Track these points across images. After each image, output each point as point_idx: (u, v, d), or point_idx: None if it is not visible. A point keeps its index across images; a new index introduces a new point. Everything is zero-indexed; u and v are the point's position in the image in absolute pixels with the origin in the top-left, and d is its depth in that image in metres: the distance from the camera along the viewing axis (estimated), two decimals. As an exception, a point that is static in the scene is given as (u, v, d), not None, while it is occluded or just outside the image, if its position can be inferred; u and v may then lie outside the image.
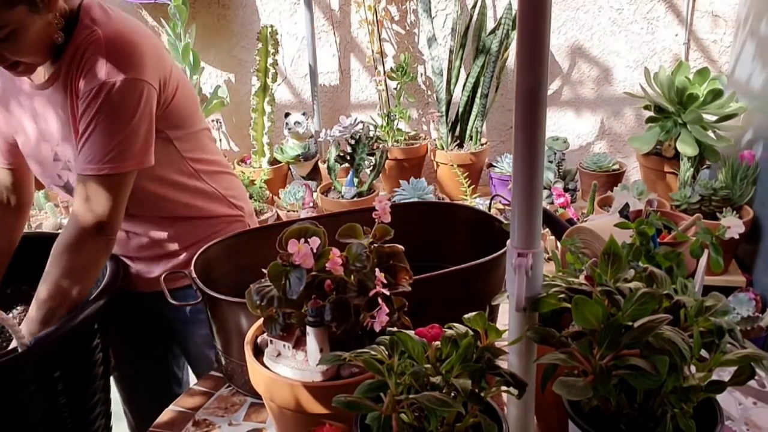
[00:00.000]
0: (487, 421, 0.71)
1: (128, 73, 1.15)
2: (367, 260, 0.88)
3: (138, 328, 1.47)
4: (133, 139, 1.18)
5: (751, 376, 0.74)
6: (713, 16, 2.49)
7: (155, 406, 1.19)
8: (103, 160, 1.17)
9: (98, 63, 1.15)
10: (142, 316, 1.42)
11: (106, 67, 1.14)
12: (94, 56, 1.15)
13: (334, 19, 2.77)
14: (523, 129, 0.74)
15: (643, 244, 0.95)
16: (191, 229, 1.37)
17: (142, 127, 1.19)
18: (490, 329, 0.76)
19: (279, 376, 0.90)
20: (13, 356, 1.02)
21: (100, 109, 1.15)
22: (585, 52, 2.64)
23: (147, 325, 1.46)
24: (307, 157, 2.67)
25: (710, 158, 2.25)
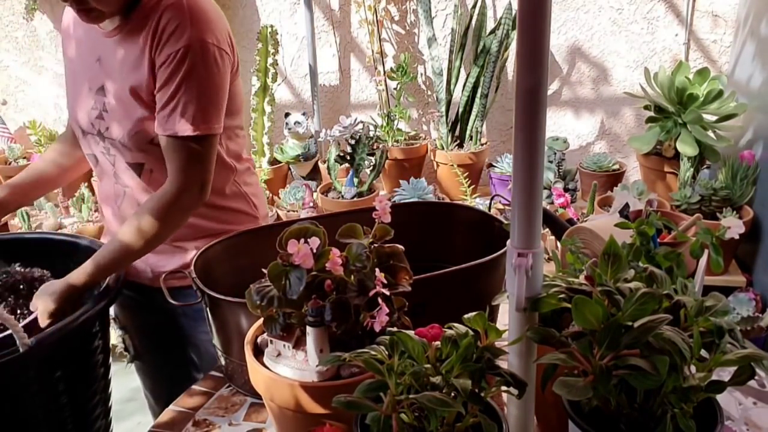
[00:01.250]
0: (487, 421, 0.71)
1: (210, 38, 1.21)
2: (367, 260, 0.89)
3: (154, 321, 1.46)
4: (220, 102, 1.25)
5: (751, 376, 0.74)
6: (713, 16, 2.49)
7: (178, 393, 1.21)
8: (197, 121, 1.21)
9: (182, 26, 1.19)
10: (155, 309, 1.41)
11: (191, 31, 1.18)
12: (176, 19, 1.19)
13: (334, 19, 2.77)
14: (523, 129, 0.74)
15: (643, 244, 0.95)
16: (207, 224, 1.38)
17: (224, 93, 1.26)
18: (490, 329, 0.76)
19: (279, 376, 0.90)
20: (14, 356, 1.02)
21: (191, 71, 1.19)
22: (585, 52, 2.64)
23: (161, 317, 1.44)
24: (307, 157, 2.68)
25: (710, 158, 2.25)
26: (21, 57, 3.14)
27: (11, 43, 3.12)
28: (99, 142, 1.33)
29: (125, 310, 1.52)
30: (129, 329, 1.53)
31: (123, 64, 1.26)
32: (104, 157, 1.34)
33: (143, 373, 1.64)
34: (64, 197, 2.72)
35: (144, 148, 1.28)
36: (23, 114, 3.19)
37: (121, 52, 1.26)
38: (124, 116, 1.27)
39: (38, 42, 3.09)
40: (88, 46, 1.32)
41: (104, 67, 1.29)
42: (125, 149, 1.29)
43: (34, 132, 2.91)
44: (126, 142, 1.28)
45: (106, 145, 1.32)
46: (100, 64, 1.29)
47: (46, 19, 3.03)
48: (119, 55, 1.26)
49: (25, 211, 2.56)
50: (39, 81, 3.15)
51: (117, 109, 1.27)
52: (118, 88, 1.27)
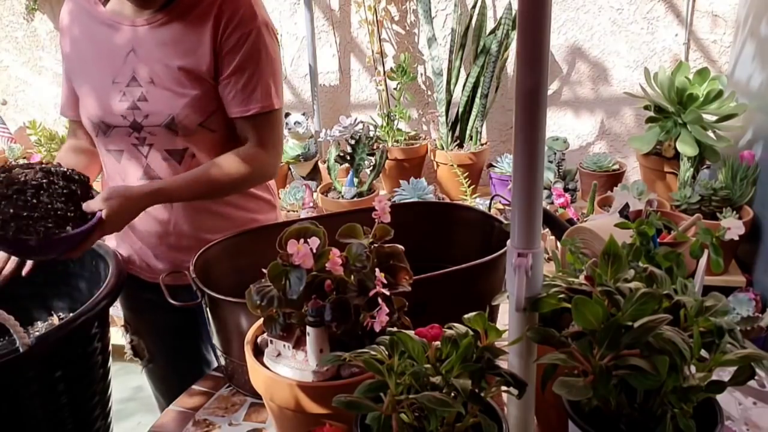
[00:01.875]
0: (487, 421, 0.71)
1: (269, 21, 1.31)
2: (367, 260, 0.89)
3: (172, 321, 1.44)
4: (281, 77, 1.35)
5: (751, 376, 0.74)
6: (713, 16, 2.49)
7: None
8: (273, 96, 1.31)
9: (249, 10, 1.26)
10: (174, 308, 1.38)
11: (257, 14, 1.27)
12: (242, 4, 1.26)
13: (334, 19, 2.77)
14: (523, 129, 0.74)
15: (643, 245, 0.95)
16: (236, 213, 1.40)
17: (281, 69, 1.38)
18: (490, 329, 0.76)
19: (279, 376, 0.90)
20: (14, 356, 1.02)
21: (264, 50, 1.28)
22: (585, 52, 2.64)
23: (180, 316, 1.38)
24: (307, 157, 2.67)
25: (710, 158, 2.25)
26: (21, 57, 3.14)
27: (11, 43, 3.12)
28: (131, 134, 1.31)
29: (141, 313, 1.50)
30: (143, 333, 1.50)
31: (169, 49, 1.27)
32: (135, 150, 1.32)
33: (155, 375, 1.61)
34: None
35: (193, 130, 1.30)
36: (23, 114, 3.19)
37: (165, 38, 1.27)
38: (170, 101, 1.27)
39: (38, 42, 3.09)
40: (110, 39, 1.30)
41: (139, 57, 1.28)
42: (170, 135, 1.30)
43: (34, 132, 2.91)
44: (176, 126, 1.28)
45: (141, 135, 1.30)
46: (133, 54, 1.28)
47: (46, 19, 3.03)
48: (161, 41, 1.27)
49: (25, 211, 2.56)
50: (39, 81, 3.15)
51: (161, 95, 1.27)
52: (162, 74, 1.27)
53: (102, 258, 1.28)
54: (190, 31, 1.26)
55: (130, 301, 1.51)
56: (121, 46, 1.29)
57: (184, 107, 1.27)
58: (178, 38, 1.27)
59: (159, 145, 1.31)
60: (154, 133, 1.30)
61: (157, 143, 1.31)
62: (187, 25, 1.26)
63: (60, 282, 1.36)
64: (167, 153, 1.31)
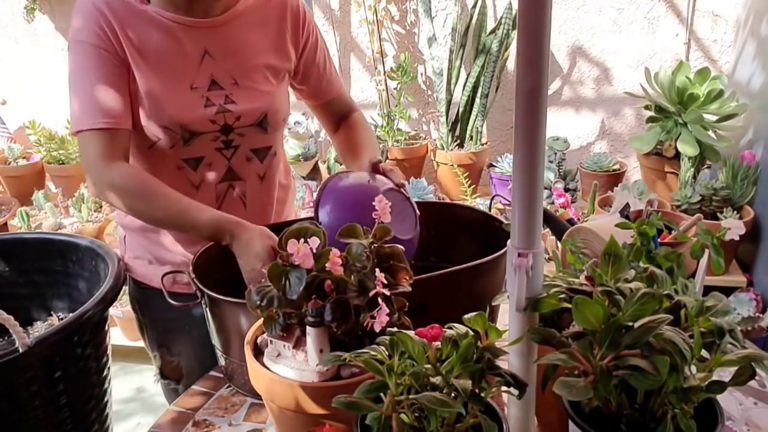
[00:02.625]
0: (488, 422, 0.71)
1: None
2: (367, 260, 0.88)
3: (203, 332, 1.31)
4: None
5: (751, 377, 0.74)
6: (714, 15, 2.49)
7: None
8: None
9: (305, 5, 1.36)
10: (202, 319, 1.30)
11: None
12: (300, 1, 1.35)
13: (334, 19, 2.77)
14: (523, 129, 0.74)
15: (643, 245, 0.95)
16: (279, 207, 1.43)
17: None
18: (491, 329, 0.75)
19: (279, 376, 0.90)
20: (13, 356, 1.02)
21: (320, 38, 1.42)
22: (585, 52, 2.64)
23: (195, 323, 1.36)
24: (307, 157, 2.67)
25: (711, 158, 2.25)
26: (21, 57, 3.14)
27: (11, 43, 3.12)
28: (217, 138, 1.27)
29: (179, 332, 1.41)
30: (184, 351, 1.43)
31: (250, 47, 1.28)
32: (218, 154, 1.29)
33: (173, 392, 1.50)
34: (63, 197, 2.72)
35: (278, 126, 1.35)
36: (23, 114, 3.19)
37: (242, 36, 1.28)
38: (259, 99, 1.29)
39: (38, 42, 3.09)
40: (178, 43, 1.23)
41: (216, 59, 1.26)
42: (259, 133, 1.31)
43: (34, 132, 2.91)
44: (266, 123, 1.31)
45: (229, 138, 1.28)
46: (209, 57, 1.26)
47: (46, 18, 3.03)
48: (238, 40, 1.27)
49: (24, 211, 2.56)
50: (39, 81, 3.15)
51: (248, 94, 1.28)
52: (247, 71, 1.28)
53: (102, 258, 1.28)
54: (267, 28, 1.30)
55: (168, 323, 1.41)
56: (193, 49, 1.24)
57: (274, 103, 1.31)
58: (256, 36, 1.29)
59: (246, 146, 1.31)
60: (243, 133, 1.29)
61: (243, 144, 1.30)
62: (262, 22, 1.29)
63: (60, 282, 1.36)
64: (252, 152, 1.32)
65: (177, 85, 1.24)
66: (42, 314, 1.36)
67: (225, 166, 1.30)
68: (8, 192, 2.93)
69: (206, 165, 1.29)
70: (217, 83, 1.26)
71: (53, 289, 1.36)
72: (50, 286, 1.36)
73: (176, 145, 1.26)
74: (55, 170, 2.89)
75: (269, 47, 1.31)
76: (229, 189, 1.32)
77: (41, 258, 1.34)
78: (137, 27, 1.21)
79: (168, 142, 1.25)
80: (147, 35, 1.22)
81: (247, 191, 1.34)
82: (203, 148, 1.27)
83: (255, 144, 1.32)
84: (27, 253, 1.35)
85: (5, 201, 2.81)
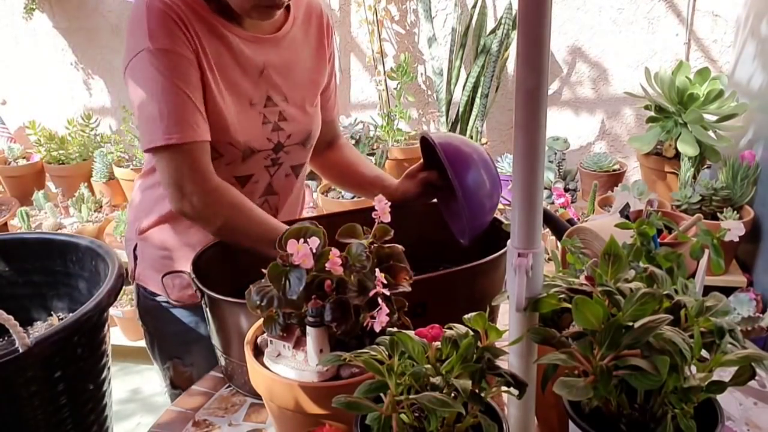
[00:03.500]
0: (488, 422, 0.71)
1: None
2: (367, 260, 0.88)
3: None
4: None
5: (751, 377, 0.74)
6: (714, 15, 2.49)
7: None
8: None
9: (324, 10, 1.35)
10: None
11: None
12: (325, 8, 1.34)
13: (334, 19, 2.77)
14: (523, 129, 0.74)
15: (643, 245, 0.95)
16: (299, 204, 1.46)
17: None
18: (491, 329, 0.75)
19: (279, 376, 0.90)
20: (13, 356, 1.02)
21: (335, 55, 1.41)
22: (585, 52, 2.64)
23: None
24: (308, 157, 2.67)
25: (711, 158, 2.25)
26: (21, 57, 3.14)
27: (11, 43, 3.12)
28: (268, 156, 1.27)
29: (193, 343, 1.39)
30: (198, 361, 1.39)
31: (299, 65, 1.28)
32: (264, 171, 1.29)
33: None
34: (63, 197, 2.72)
35: (313, 143, 1.36)
36: (23, 114, 3.19)
37: (291, 54, 1.27)
38: (305, 117, 1.30)
39: (38, 42, 3.09)
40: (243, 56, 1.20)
41: (271, 75, 1.24)
42: (302, 151, 1.33)
43: (34, 132, 2.91)
44: (310, 141, 1.32)
45: (277, 156, 1.28)
46: (267, 72, 1.23)
47: (45, 18, 3.03)
48: (288, 57, 1.27)
49: (24, 211, 2.56)
50: (39, 81, 3.15)
51: (296, 112, 1.29)
52: (296, 88, 1.28)
53: (102, 258, 1.28)
54: (311, 43, 1.31)
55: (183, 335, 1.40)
56: (252, 63, 1.22)
57: (317, 120, 1.33)
58: (304, 54, 1.29)
59: (288, 163, 1.32)
60: (289, 151, 1.30)
61: (287, 161, 1.31)
62: (307, 39, 1.30)
63: (60, 282, 1.36)
64: (291, 169, 1.33)
65: (239, 100, 1.20)
66: (42, 314, 1.36)
67: (267, 183, 1.32)
68: (8, 192, 2.93)
69: (254, 183, 1.29)
70: (272, 100, 1.25)
71: (53, 289, 1.36)
72: (50, 286, 1.36)
73: (233, 162, 1.23)
74: (55, 170, 2.89)
75: (314, 63, 1.32)
76: (264, 203, 1.34)
77: (41, 258, 1.34)
78: (205, 36, 1.15)
79: (227, 159, 1.22)
80: (213, 46, 1.16)
81: (279, 205, 1.36)
82: (255, 165, 1.27)
83: (295, 161, 1.33)
84: (27, 253, 1.35)
85: (5, 201, 2.81)
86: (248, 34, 1.21)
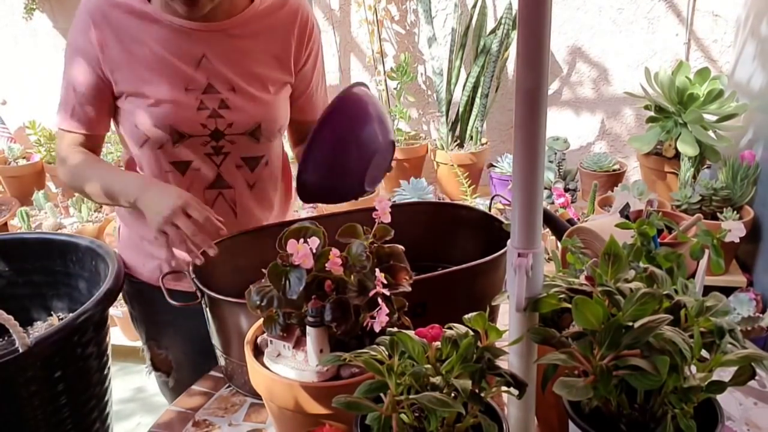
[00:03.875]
0: (488, 422, 0.71)
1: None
2: (367, 260, 0.88)
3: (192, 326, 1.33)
4: None
5: (751, 377, 0.74)
6: (714, 15, 2.49)
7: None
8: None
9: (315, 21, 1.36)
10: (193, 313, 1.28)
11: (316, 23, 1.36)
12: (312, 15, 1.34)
13: (334, 18, 2.77)
14: (523, 129, 0.74)
15: (643, 245, 0.95)
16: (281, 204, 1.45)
17: None
18: (491, 329, 0.76)
19: (279, 376, 0.90)
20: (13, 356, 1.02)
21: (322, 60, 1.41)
22: (585, 52, 2.64)
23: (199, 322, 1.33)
24: (308, 157, 2.67)
25: (711, 158, 2.25)
26: (21, 57, 3.14)
27: (11, 43, 3.12)
28: (207, 143, 1.28)
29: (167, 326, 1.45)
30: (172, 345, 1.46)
31: (251, 56, 1.27)
32: (207, 159, 1.29)
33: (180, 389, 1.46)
34: (63, 197, 2.72)
35: (273, 138, 1.34)
36: (23, 114, 3.19)
37: (245, 44, 1.27)
38: (257, 106, 1.28)
39: (38, 42, 3.09)
40: (177, 44, 1.24)
41: (214, 63, 1.25)
42: (251, 142, 1.30)
43: (34, 132, 2.91)
44: (260, 133, 1.30)
45: (219, 144, 1.28)
46: (206, 60, 1.25)
47: (45, 18, 3.03)
48: (241, 48, 1.27)
49: (24, 211, 2.56)
50: (39, 81, 3.15)
51: (244, 102, 1.27)
52: (246, 79, 1.27)
53: (102, 258, 1.28)
54: (270, 39, 1.29)
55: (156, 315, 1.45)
56: (191, 51, 1.25)
57: (269, 113, 1.30)
58: (260, 46, 1.28)
59: (236, 153, 1.30)
60: (234, 141, 1.29)
61: (234, 151, 1.30)
62: (268, 34, 1.28)
63: (60, 282, 1.36)
64: (243, 160, 1.32)
65: (170, 85, 1.24)
66: (42, 314, 1.36)
67: (214, 172, 1.31)
68: (8, 192, 2.93)
69: (194, 170, 1.30)
70: (213, 87, 1.26)
71: (53, 289, 1.36)
72: (50, 286, 1.36)
73: (164, 147, 1.27)
74: (55, 170, 2.88)
75: (272, 57, 1.30)
76: (219, 196, 1.33)
77: (41, 258, 1.34)
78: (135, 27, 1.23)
79: (155, 142, 1.26)
80: (146, 34, 1.23)
81: (236, 199, 1.34)
82: (192, 152, 1.28)
83: (246, 152, 1.31)
84: (27, 253, 1.35)
85: (5, 201, 2.81)
86: (186, 22, 1.23)
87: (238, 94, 1.27)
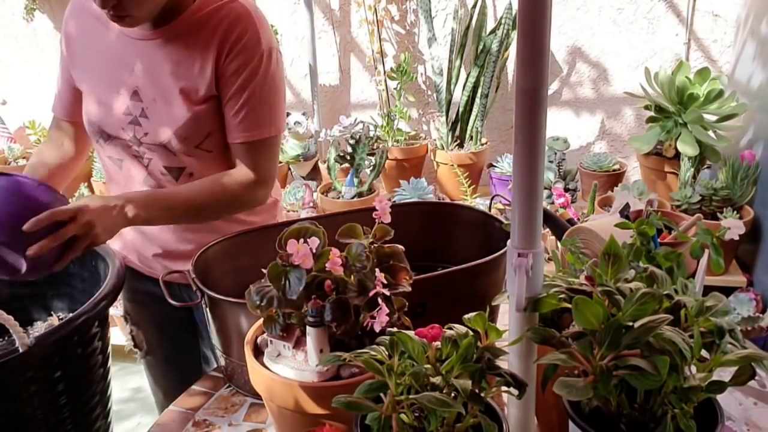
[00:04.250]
0: (487, 422, 0.71)
1: (275, 44, 1.28)
2: (367, 260, 0.88)
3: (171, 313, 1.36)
4: (284, 102, 1.33)
5: (751, 377, 0.74)
6: (714, 15, 2.49)
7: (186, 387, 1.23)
8: (269, 124, 1.28)
9: (255, 35, 1.23)
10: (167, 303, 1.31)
11: (263, 39, 1.24)
12: (249, 28, 1.23)
13: (334, 19, 2.77)
14: (523, 129, 0.74)
15: (643, 245, 0.95)
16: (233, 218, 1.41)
17: (285, 93, 1.34)
18: (491, 329, 0.76)
19: (279, 376, 0.90)
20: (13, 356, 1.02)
21: (265, 76, 1.25)
22: (585, 52, 2.64)
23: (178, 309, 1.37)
24: (307, 157, 2.67)
25: (711, 158, 2.25)
26: (21, 57, 3.14)
27: (11, 43, 3.12)
28: (131, 146, 1.31)
29: (140, 305, 1.52)
30: (143, 324, 1.53)
31: (173, 68, 1.25)
32: (135, 160, 1.33)
33: (154, 368, 1.63)
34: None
35: (190, 152, 1.29)
36: (23, 114, 3.19)
37: (169, 56, 1.25)
38: (170, 120, 1.26)
39: (38, 42, 3.09)
40: (118, 50, 1.29)
41: (143, 73, 1.27)
42: (167, 153, 1.29)
43: (34, 132, 2.91)
44: (173, 146, 1.28)
45: (140, 150, 1.30)
46: (135, 68, 1.27)
47: (46, 18, 3.03)
48: (165, 58, 1.26)
49: (25, 211, 2.56)
50: (39, 81, 3.15)
51: (162, 112, 1.27)
52: (165, 92, 1.26)
53: (102, 258, 1.28)
54: (193, 52, 1.24)
55: (130, 293, 1.52)
56: (128, 58, 1.28)
57: (181, 129, 1.26)
58: (182, 58, 1.25)
59: (157, 162, 1.31)
60: (152, 150, 1.30)
61: (155, 159, 1.31)
62: (191, 45, 1.25)
63: (60, 282, 1.36)
64: (165, 169, 1.31)
65: (104, 86, 1.31)
66: (42, 314, 1.36)
67: (142, 174, 1.34)
68: (8, 192, 2.93)
69: (128, 166, 1.35)
70: (138, 95, 1.28)
71: (53, 289, 1.36)
72: (50, 286, 1.36)
73: (98, 141, 1.37)
74: (55, 170, 2.88)
75: (199, 69, 1.24)
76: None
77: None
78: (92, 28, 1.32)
79: (92, 136, 1.38)
80: (98, 36, 1.32)
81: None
82: (121, 151, 1.34)
83: (165, 162, 1.31)
84: (27, 253, 1.35)
85: (5, 201, 2.81)
86: (129, 30, 1.26)
87: (158, 105, 1.27)
